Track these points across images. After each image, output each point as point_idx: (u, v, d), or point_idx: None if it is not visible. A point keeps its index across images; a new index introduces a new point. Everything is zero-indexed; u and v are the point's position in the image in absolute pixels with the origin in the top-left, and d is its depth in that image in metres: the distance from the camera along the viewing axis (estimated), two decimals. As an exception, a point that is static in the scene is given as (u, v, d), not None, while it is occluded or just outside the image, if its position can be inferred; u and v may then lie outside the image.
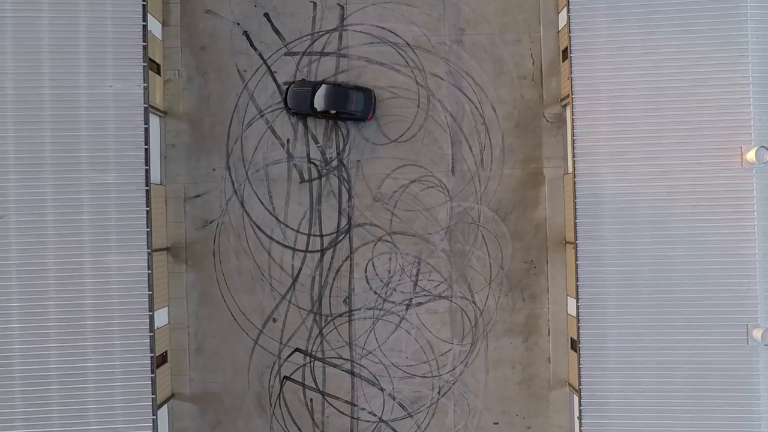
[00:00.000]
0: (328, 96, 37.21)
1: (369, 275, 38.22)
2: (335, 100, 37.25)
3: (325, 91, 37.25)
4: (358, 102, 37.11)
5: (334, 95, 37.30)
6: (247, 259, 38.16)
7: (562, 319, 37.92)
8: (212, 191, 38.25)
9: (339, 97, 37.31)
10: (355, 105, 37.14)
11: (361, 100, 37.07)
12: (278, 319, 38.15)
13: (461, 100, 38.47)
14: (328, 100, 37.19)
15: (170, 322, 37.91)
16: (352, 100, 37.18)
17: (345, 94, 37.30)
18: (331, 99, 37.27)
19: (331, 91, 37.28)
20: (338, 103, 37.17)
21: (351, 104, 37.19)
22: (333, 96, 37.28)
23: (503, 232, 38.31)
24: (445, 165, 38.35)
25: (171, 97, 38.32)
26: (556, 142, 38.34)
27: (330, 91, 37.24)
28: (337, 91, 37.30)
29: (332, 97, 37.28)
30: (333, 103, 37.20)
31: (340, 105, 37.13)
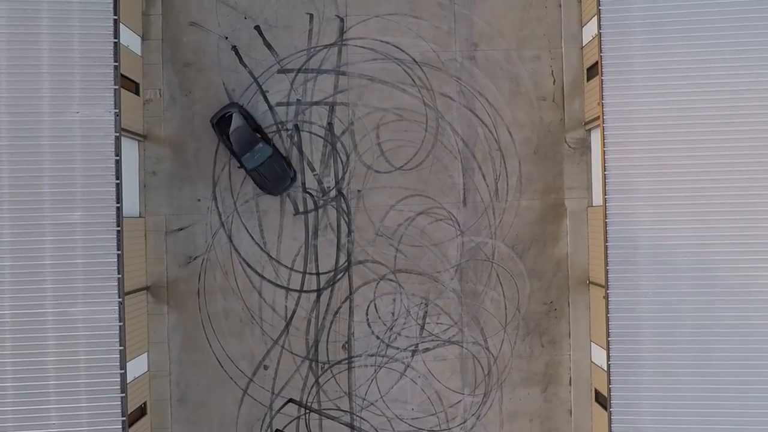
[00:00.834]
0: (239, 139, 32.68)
1: (371, 318, 33.24)
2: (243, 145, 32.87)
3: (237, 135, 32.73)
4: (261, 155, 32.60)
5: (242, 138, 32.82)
6: (236, 299, 33.17)
7: (586, 367, 32.96)
8: (197, 224, 33.22)
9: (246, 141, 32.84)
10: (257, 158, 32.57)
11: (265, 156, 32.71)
12: (270, 367, 33.18)
13: (474, 124, 33.40)
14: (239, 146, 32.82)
15: (150, 370, 33.02)
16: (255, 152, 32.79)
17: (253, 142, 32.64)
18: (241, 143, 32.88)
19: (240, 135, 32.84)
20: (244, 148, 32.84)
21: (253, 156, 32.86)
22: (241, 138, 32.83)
23: (520, 270, 33.30)
24: (455, 195, 33.29)
25: (151, 118, 33.27)
26: (580, 171, 33.28)
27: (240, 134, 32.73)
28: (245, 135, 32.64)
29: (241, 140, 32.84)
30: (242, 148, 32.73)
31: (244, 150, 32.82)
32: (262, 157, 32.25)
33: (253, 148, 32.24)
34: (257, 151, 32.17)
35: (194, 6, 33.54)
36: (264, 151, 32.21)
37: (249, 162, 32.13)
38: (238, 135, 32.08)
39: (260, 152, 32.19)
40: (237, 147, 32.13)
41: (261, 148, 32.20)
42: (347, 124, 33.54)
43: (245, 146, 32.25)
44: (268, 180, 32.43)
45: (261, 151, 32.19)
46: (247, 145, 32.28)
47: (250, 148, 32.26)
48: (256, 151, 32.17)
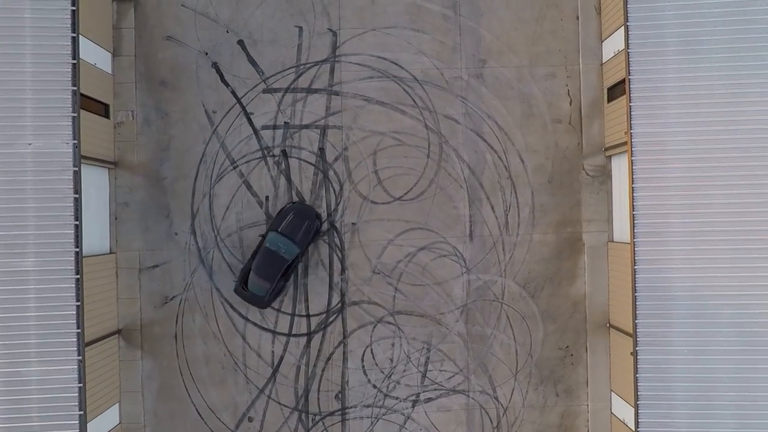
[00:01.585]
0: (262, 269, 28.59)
1: (367, 365, 29.10)
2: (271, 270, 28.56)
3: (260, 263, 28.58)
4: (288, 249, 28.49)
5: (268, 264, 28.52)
6: (217, 344, 29.03)
7: (605, 419, 28.82)
8: (174, 260, 29.04)
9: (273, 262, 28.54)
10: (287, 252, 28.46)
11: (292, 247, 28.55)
12: (255, 419, 29.11)
13: (481, 149, 29.14)
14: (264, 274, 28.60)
15: (122, 422, 29.22)
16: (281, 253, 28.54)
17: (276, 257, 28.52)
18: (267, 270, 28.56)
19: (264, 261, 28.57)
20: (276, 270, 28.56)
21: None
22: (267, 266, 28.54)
23: (532, 311, 29.09)
24: (461, 229, 29.06)
25: (123, 144, 29.04)
26: (599, 201, 29.02)
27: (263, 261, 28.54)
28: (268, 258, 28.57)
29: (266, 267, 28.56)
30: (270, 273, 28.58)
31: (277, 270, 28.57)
32: (287, 253, 28.42)
33: (289, 241, 28.40)
34: (287, 245, 28.36)
35: (170, 18, 29.27)
36: (291, 250, 28.49)
37: (254, 286, 28.61)
38: (267, 257, 28.40)
39: (288, 247, 28.42)
40: (286, 227, 28.55)
41: (292, 247, 28.45)
42: (341, 150, 29.29)
43: (290, 236, 28.41)
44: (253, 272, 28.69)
45: (289, 247, 28.46)
46: (291, 237, 28.42)
47: (291, 238, 28.42)
48: (286, 245, 28.36)
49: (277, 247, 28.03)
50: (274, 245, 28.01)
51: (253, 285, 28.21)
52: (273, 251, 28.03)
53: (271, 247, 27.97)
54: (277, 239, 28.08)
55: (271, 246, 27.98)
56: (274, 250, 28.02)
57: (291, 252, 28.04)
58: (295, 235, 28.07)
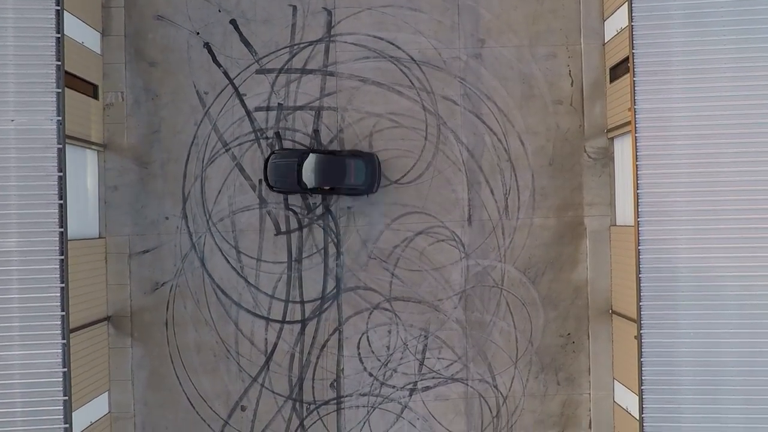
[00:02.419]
0: (321, 168, 27.37)
1: (363, 352, 27.96)
2: (330, 173, 27.39)
3: (316, 161, 27.41)
4: (358, 173, 27.38)
5: (327, 167, 27.44)
6: (209, 331, 27.91)
7: (608, 408, 27.76)
8: (165, 245, 27.96)
9: (334, 168, 27.42)
10: (355, 177, 27.40)
11: (362, 169, 27.36)
12: (248, 408, 28.01)
13: (480, 131, 28.05)
14: (321, 174, 27.34)
15: (111, 411, 28.06)
16: (351, 172, 27.42)
17: (341, 164, 27.47)
18: (325, 172, 27.38)
19: (324, 162, 27.43)
20: (334, 177, 27.38)
21: (350, 177, 27.46)
22: (326, 168, 27.44)
23: (533, 297, 27.99)
24: (459, 213, 27.96)
25: (112, 126, 27.97)
26: (601, 185, 27.93)
27: (322, 161, 27.41)
28: (331, 161, 27.52)
29: (326, 169, 27.40)
30: (327, 177, 27.36)
31: (337, 179, 27.34)
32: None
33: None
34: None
35: (161, -3, 28.22)
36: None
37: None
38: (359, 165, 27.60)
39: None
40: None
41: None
42: (336, 132, 28.22)
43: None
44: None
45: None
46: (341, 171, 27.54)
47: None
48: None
49: (351, 167, 27.50)
50: (352, 164, 27.42)
51: (307, 170, 27.34)
52: (345, 165, 27.40)
53: (347, 162, 27.39)
54: (359, 165, 27.42)
55: (348, 161, 27.40)
56: (347, 165, 27.41)
57: (357, 179, 27.65)
58: (368, 176, 27.72)
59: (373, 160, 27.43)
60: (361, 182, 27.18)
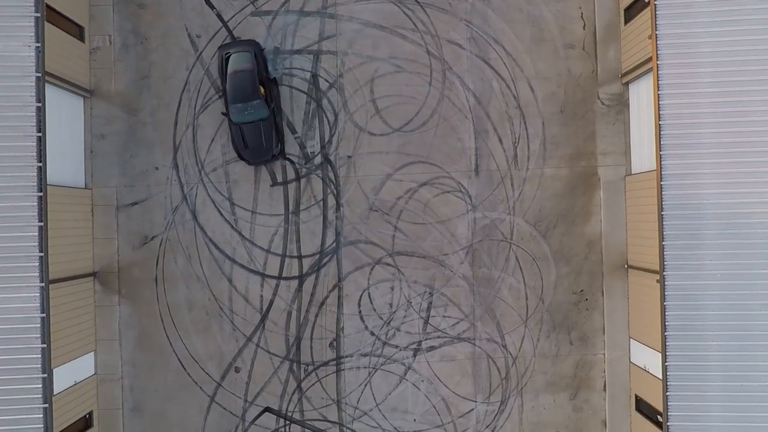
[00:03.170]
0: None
1: (364, 310, 26.04)
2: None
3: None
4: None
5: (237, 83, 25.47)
6: (201, 288, 26.00)
7: (623, 369, 25.83)
8: (154, 197, 26.09)
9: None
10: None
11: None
12: (242, 369, 26.06)
13: (488, 76, 26.20)
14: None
15: (97, 373, 26.12)
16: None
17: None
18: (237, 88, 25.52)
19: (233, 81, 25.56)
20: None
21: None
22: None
23: (544, 252, 26.09)
24: (466, 163, 26.10)
25: (100, 71, 26.14)
26: (615, 133, 26.08)
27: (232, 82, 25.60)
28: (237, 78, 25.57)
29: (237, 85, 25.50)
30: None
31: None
32: (254, 116, 25.20)
33: (249, 102, 25.00)
34: (252, 107, 25.01)
35: (151, -66, 26.40)
36: (259, 111, 25.14)
37: (236, 114, 25.12)
38: (239, 79, 25.00)
39: (255, 109, 25.06)
40: (231, 92, 25.09)
41: (258, 104, 25.03)
42: (335, 77, 26.40)
43: (240, 95, 25.09)
44: (246, 144, 25.15)
45: (257, 108, 25.06)
46: (243, 95, 25.08)
47: (245, 99, 25.05)
48: (251, 107, 25.02)
49: (235, 69, 25.14)
50: (231, 68, 25.18)
51: (239, 115, 25.15)
52: (234, 72, 25.14)
53: (232, 68, 25.12)
54: (234, 61, 25.28)
55: (232, 67, 25.13)
56: (235, 70, 25.15)
57: (246, 59, 25.16)
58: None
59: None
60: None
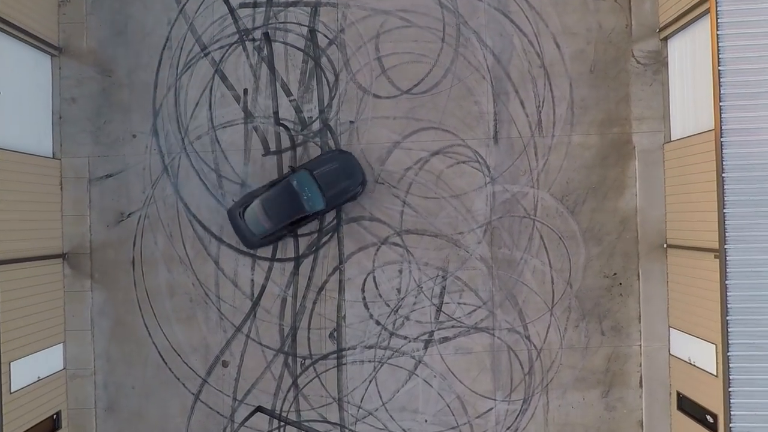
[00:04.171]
0: (267, 208, 21.93)
1: (368, 296, 22.38)
2: (280, 210, 21.93)
3: (259, 205, 22.01)
4: (313, 195, 21.79)
5: (273, 204, 21.89)
6: (184, 271, 22.31)
7: (662, 362, 22.18)
8: (131, 169, 22.45)
9: (283, 202, 21.86)
10: (312, 202, 21.88)
11: (314, 187, 21.86)
12: (230, 363, 22.37)
13: (508, 32, 22.53)
14: (270, 215, 21.95)
15: (66, 368, 22.39)
16: (303, 197, 21.85)
17: (290, 193, 21.86)
18: (272, 211, 21.90)
19: (268, 201, 21.97)
20: (287, 211, 21.92)
21: (306, 202, 21.87)
22: (273, 206, 21.89)
23: (572, 230, 22.42)
24: (483, 129, 22.43)
25: (69, 26, 22.53)
26: (652, 95, 22.42)
27: (265, 201, 21.98)
28: (275, 196, 21.96)
29: (272, 207, 21.90)
30: (278, 215, 21.96)
31: (291, 211, 21.89)
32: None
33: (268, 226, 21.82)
34: (262, 225, 21.87)
35: None
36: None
37: (254, 225, 21.96)
38: (283, 199, 21.74)
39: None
40: (268, 206, 21.83)
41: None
42: (336, 32, 22.75)
43: (272, 216, 21.81)
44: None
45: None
46: (274, 218, 21.79)
47: (272, 221, 21.80)
48: (264, 224, 21.86)
49: (302, 190, 21.45)
50: (299, 186, 21.45)
51: (251, 217, 21.62)
52: (295, 192, 21.43)
53: (295, 186, 21.42)
54: (307, 182, 21.53)
55: (296, 185, 21.43)
56: (297, 191, 21.41)
57: (314, 204, 21.56)
58: (329, 188, 21.62)
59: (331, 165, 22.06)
60: (321, 205, 21.73)
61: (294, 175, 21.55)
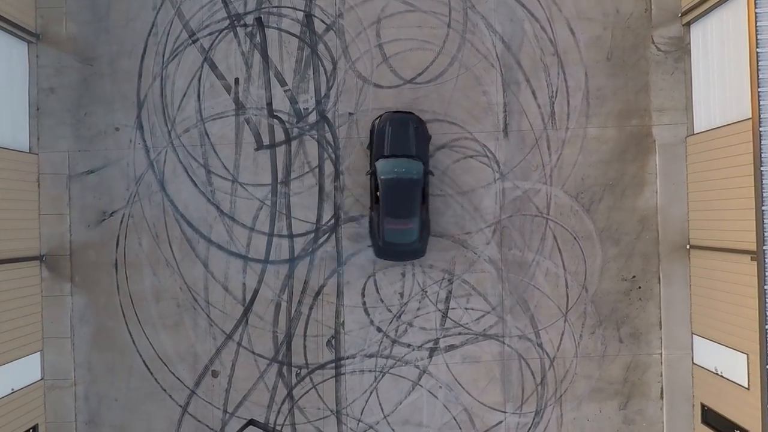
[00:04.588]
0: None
1: (369, 301, 20.65)
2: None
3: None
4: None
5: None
6: (171, 274, 20.55)
7: (685, 372, 20.45)
8: (114, 164, 20.72)
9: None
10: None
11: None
12: (220, 373, 20.54)
13: (519, 17, 20.75)
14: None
15: (45, 378, 20.64)
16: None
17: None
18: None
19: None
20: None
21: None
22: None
23: (588, 230, 20.66)
24: (492, 121, 20.64)
25: (48, 11, 20.83)
26: (673, 85, 20.65)
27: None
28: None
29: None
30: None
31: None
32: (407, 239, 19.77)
33: (405, 220, 19.58)
34: (404, 229, 19.66)
35: None
36: (411, 233, 19.75)
37: (390, 234, 19.66)
38: (402, 190, 19.60)
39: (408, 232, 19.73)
40: (389, 202, 19.61)
41: (412, 228, 19.69)
42: (333, 17, 20.95)
43: (400, 210, 19.60)
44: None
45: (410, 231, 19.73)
46: (403, 211, 19.57)
47: (403, 215, 19.56)
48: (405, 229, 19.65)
49: (397, 173, 19.45)
50: (391, 173, 19.45)
51: (392, 235, 19.49)
52: (395, 180, 19.39)
53: (388, 176, 19.40)
54: (391, 164, 19.54)
55: (388, 175, 19.42)
56: (395, 177, 19.40)
57: (416, 168, 19.49)
58: (408, 147, 19.65)
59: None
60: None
61: (378, 171, 19.53)
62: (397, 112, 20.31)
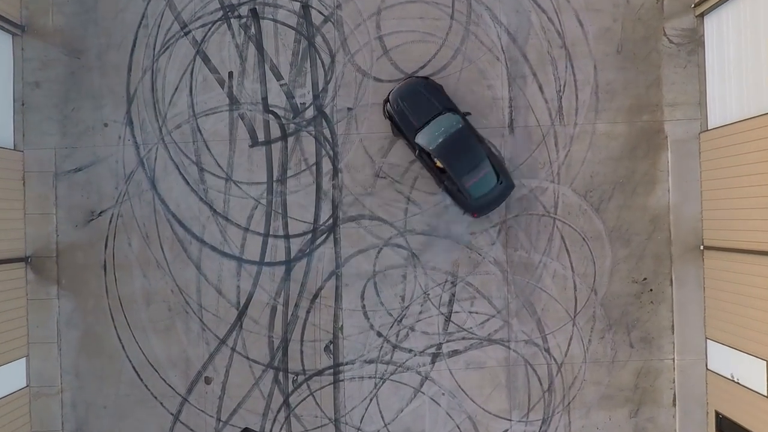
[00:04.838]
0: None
1: (368, 304, 19.73)
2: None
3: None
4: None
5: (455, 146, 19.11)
6: (162, 276, 19.59)
7: (699, 378, 19.50)
8: (103, 162, 19.79)
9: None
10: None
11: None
12: (214, 380, 19.57)
13: (525, 8, 19.81)
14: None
15: (30, 385, 19.70)
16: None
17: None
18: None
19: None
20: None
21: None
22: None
23: (597, 230, 19.71)
24: (497, 117, 19.68)
25: (33, 1, 19.93)
26: (686, 78, 19.70)
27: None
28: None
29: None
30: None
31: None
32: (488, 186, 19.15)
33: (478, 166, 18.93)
34: (482, 177, 19.05)
35: None
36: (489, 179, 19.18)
37: (474, 187, 19.08)
38: (459, 144, 18.95)
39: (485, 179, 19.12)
40: (456, 162, 18.94)
41: (489, 171, 19.10)
42: (332, 8, 19.99)
43: (470, 163, 18.97)
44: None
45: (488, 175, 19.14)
46: (472, 162, 18.92)
47: (474, 166, 18.90)
48: (483, 173, 19.04)
49: (440, 134, 18.75)
50: (435, 139, 18.76)
51: (476, 188, 18.92)
52: (442, 141, 18.71)
53: (436, 142, 18.71)
54: (429, 131, 18.87)
55: (435, 142, 18.73)
56: (441, 140, 18.71)
57: (452, 120, 18.86)
58: (431, 107, 19.05)
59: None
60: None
61: (421, 143, 18.92)
62: (398, 86, 19.33)
